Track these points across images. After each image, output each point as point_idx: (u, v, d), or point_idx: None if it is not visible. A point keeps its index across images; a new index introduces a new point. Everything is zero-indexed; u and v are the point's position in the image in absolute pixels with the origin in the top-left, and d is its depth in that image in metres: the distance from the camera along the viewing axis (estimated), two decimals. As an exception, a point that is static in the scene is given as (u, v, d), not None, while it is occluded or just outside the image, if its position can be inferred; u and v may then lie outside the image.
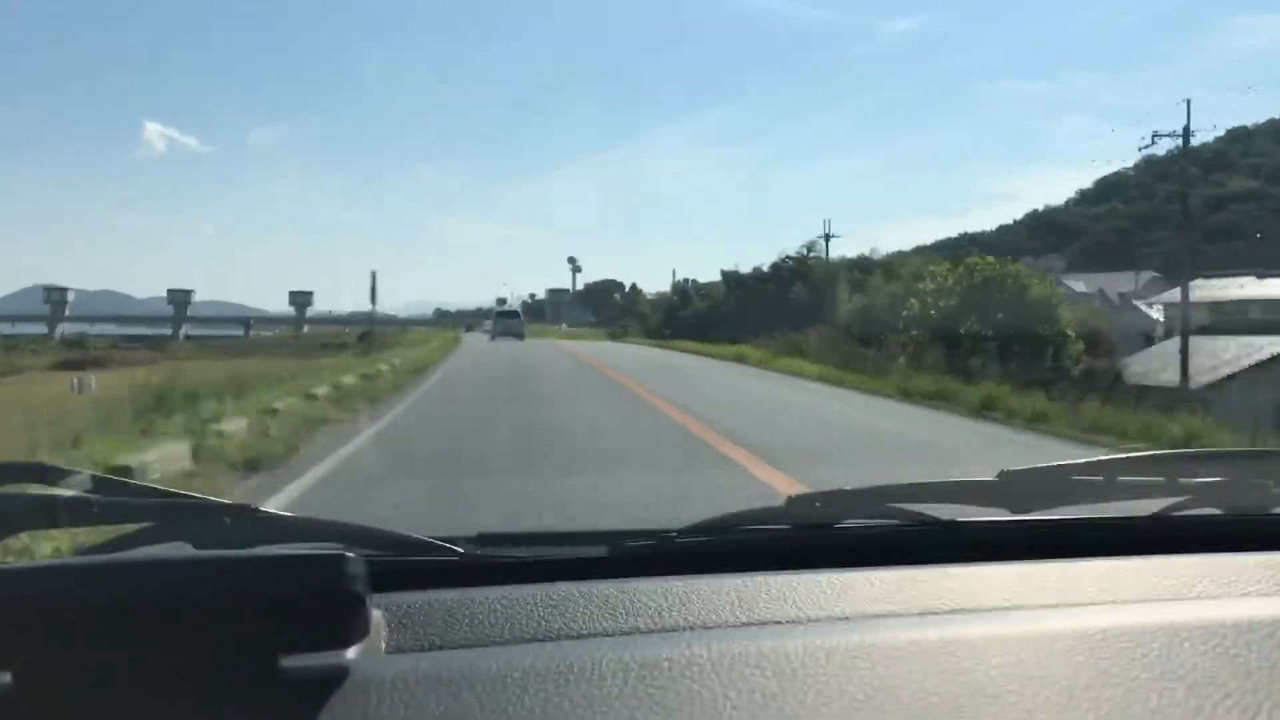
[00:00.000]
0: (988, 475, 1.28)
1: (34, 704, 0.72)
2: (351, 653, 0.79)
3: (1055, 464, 1.32)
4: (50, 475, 1.07)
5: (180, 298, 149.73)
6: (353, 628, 0.77)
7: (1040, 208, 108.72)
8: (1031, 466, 1.31)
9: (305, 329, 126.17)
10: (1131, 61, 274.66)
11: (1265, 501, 1.31)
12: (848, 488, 1.30)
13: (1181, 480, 1.30)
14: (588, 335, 64.68)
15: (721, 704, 0.77)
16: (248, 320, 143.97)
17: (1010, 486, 1.26)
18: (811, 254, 45.61)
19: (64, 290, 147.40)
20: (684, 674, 0.80)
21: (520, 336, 43.20)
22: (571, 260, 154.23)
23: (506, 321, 46.81)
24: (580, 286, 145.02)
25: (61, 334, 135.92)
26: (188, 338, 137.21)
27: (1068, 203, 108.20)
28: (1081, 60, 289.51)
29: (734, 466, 8.20)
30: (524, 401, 14.21)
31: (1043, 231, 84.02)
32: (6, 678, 0.72)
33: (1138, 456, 1.53)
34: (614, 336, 66.47)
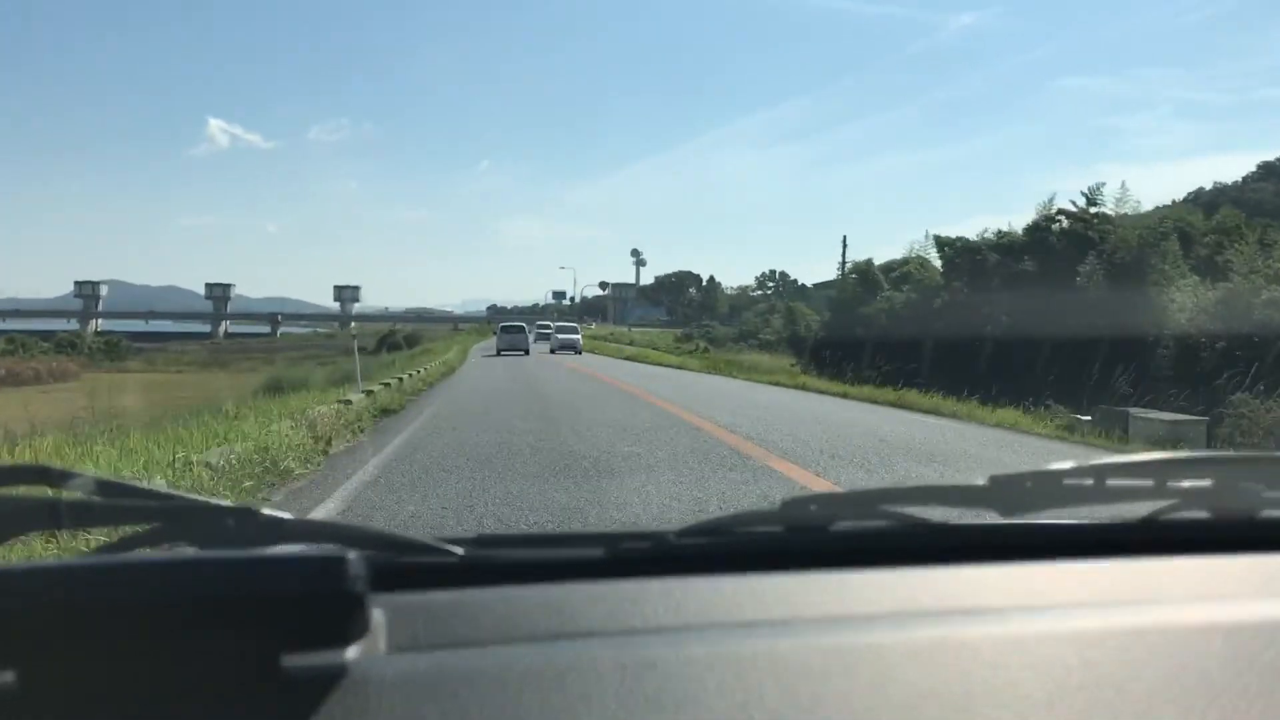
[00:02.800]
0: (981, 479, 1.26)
1: (37, 703, 0.72)
2: (351, 652, 0.79)
3: (1045, 468, 1.29)
4: (52, 477, 1.02)
5: (219, 292, 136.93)
6: (352, 627, 0.77)
7: (1207, 185, 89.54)
8: (1022, 471, 1.28)
9: (352, 325, 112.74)
10: (1200, 57, 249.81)
11: (1253, 505, 1.28)
12: (843, 491, 1.29)
13: (1170, 484, 1.27)
14: (672, 355, 44.68)
15: (717, 703, 0.77)
16: (275, 317, 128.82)
17: (1001, 490, 1.24)
18: (1094, 207, 24.89)
19: (95, 284, 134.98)
20: (680, 674, 0.80)
21: (526, 351, 40.02)
22: (635, 253, 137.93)
23: (510, 336, 41.70)
24: (650, 280, 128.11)
25: (95, 329, 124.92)
26: (228, 335, 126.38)
27: (1247, 179, 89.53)
28: (1149, 57, 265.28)
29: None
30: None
31: (1218, 210, 65.27)
32: (10, 677, 0.72)
33: (1128, 460, 1.39)
34: (714, 342, 48.58)
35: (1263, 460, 1.62)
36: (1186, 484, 1.28)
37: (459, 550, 1.06)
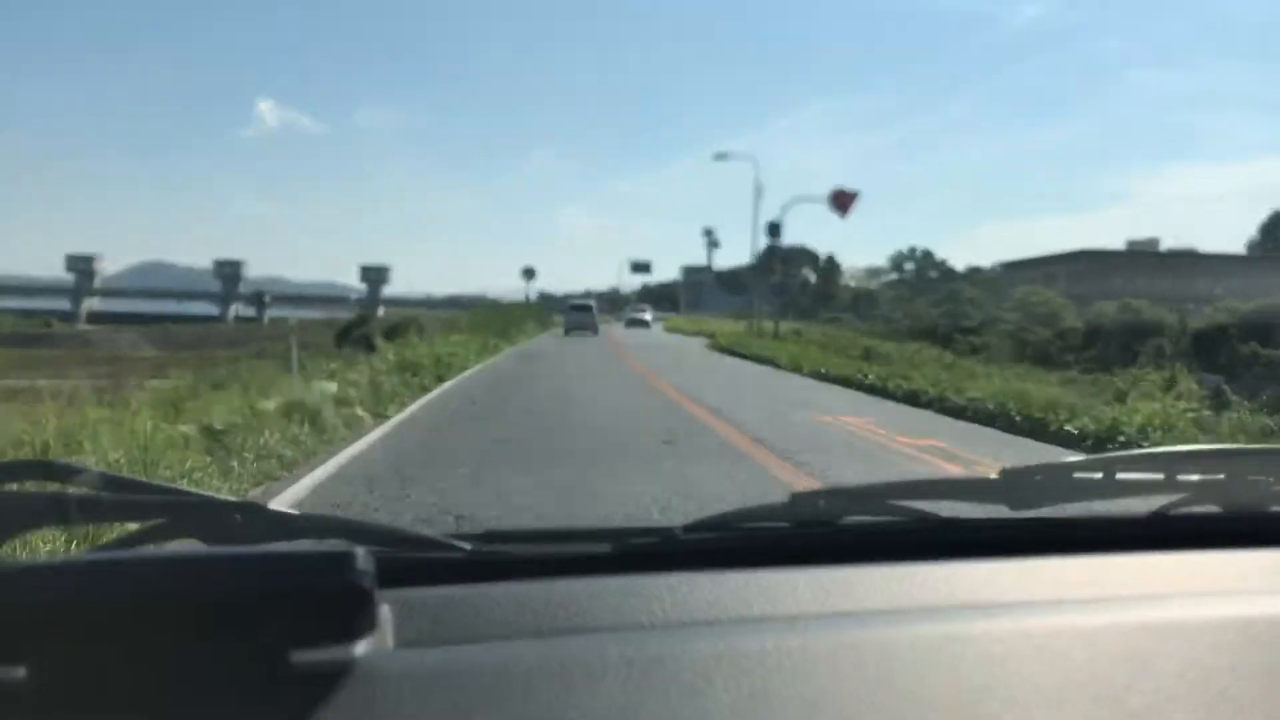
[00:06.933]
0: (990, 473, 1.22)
1: (46, 699, 0.71)
2: (359, 647, 0.77)
3: (1056, 462, 1.28)
4: (59, 473, 1.02)
5: (228, 270, 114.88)
6: (360, 623, 0.75)
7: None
8: (1032, 464, 1.26)
9: (380, 311, 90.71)
10: (1276, 53, 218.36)
11: (1264, 499, 1.26)
12: (849, 485, 1.25)
13: (1181, 477, 1.23)
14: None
15: (724, 700, 0.75)
16: (261, 297, 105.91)
17: (1011, 484, 1.20)
18: None
19: (90, 259, 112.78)
20: (687, 669, 0.79)
21: (595, 330, 37.03)
22: (708, 233, 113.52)
23: (578, 315, 38.60)
24: (744, 260, 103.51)
25: (89, 310, 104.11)
26: (239, 319, 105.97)
27: None
28: (1221, 52, 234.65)
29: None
30: None
31: None
32: (20, 673, 0.71)
33: (1138, 454, 1.41)
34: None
35: (1273, 453, 1.52)
36: (1197, 477, 1.23)
37: (466, 546, 1.04)
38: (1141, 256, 52.26)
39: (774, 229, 34.35)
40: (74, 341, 53.55)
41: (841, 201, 33.42)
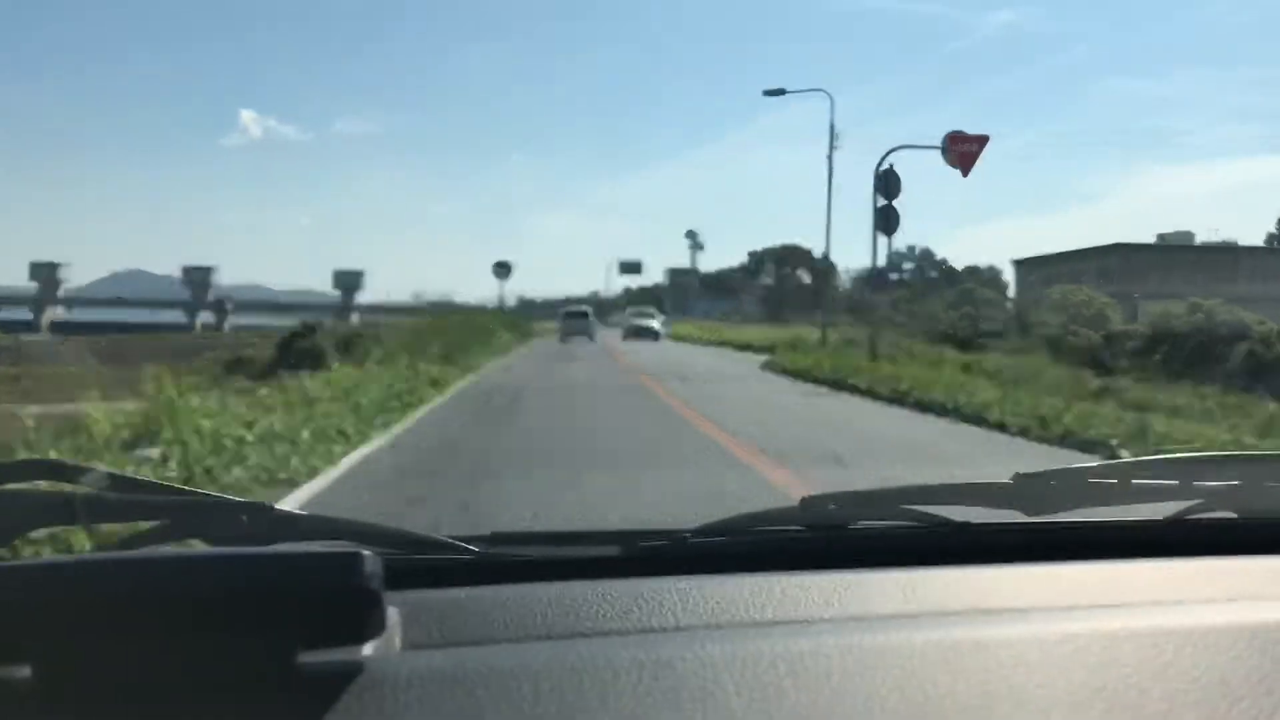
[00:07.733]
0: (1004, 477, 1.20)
1: (52, 698, 0.71)
2: (367, 649, 0.77)
3: (1070, 466, 1.25)
4: (66, 472, 1.02)
5: (198, 277, 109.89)
6: (369, 625, 0.74)
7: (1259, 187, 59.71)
8: (1046, 469, 1.23)
9: (354, 317, 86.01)
10: (1250, 59, 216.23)
11: (1279, 505, 1.24)
12: (862, 488, 1.27)
13: (1196, 483, 1.22)
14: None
15: (735, 704, 0.74)
16: (222, 304, 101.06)
17: (1024, 489, 1.19)
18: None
19: (53, 266, 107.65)
20: (697, 674, 0.78)
21: (592, 337, 35.32)
22: (691, 235, 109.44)
23: (574, 322, 37.13)
24: (738, 260, 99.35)
25: (52, 320, 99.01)
26: (204, 327, 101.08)
27: None
28: (1196, 58, 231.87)
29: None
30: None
31: None
32: (24, 672, 0.71)
33: (1153, 459, 1.41)
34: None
35: None
36: (1212, 483, 1.22)
37: (474, 548, 1.03)
38: (1177, 251, 48.33)
39: (888, 181, 20.49)
40: (7, 355, 48.65)
41: (962, 150, 20.36)
